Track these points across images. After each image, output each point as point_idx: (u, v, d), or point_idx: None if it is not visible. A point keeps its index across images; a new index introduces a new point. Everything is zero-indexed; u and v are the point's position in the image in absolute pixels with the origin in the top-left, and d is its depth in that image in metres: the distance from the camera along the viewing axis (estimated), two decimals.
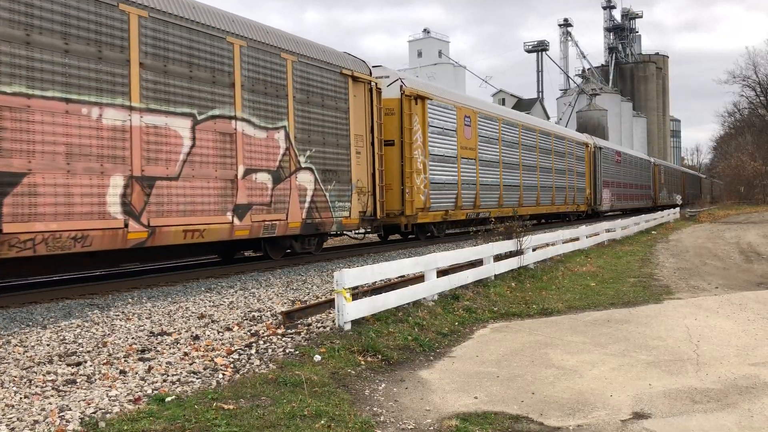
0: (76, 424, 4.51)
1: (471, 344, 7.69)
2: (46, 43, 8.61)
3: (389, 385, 5.97)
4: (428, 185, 18.11)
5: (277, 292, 10.16)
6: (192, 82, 10.74)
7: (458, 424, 4.93)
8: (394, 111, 17.12)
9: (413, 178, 17.38)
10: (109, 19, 9.42)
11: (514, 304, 10.19)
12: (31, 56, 8.43)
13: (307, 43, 13.87)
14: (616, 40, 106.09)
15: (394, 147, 17.13)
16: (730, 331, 8.11)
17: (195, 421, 4.60)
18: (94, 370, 5.86)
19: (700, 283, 12.44)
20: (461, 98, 21.69)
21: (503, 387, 5.95)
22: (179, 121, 10.50)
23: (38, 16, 8.53)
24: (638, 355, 6.99)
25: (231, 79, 11.53)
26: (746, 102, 72.97)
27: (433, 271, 9.60)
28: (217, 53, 11.26)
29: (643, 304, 10.23)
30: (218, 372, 5.84)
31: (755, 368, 6.40)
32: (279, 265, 13.53)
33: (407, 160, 17.22)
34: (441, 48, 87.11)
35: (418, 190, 17.61)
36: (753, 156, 65.82)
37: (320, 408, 5.01)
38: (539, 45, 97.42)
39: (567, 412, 5.26)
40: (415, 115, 17.56)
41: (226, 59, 11.44)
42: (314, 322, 7.81)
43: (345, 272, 7.36)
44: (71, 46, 8.88)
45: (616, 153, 40.19)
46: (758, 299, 10.47)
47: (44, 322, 7.94)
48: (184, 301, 9.31)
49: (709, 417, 5.09)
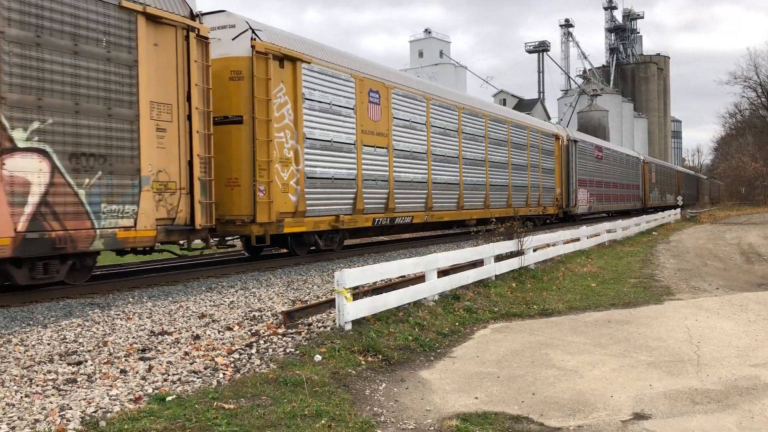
0: (76, 423, 4.52)
1: (471, 344, 7.69)
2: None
3: (390, 385, 5.97)
4: (302, 181, 13.12)
5: (278, 291, 10.17)
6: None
7: (459, 424, 4.93)
8: (243, 75, 12.19)
9: (272, 170, 12.27)
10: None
11: (515, 304, 10.19)
12: None
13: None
14: (618, 41, 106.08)
15: (242, 126, 12.16)
16: (731, 332, 8.11)
17: (195, 421, 4.61)
18: (95, 369, 5.86)
19: (700, 284, 12.43)
20: (364, 65, 15.88)
21: (504, 387, 5.95)
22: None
23: None
24: (639, 355, 6.99)
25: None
26: (747, 103, 73.03)
27: (433, 271, 9.61)
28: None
29: (644, 304, 10.22)
30: (219, 371, 5.85)
31: (756, 369, 6.40)
32: (280, 264, 13.52)
33: (261, 145, 12.10)
34: (442, 48, 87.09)
35: (284, 188, 12.64)
36: (754, 157, 65.82)
37: (321, 408, 5.01)
38: (540, 45, 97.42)
39: (567, 412, 5.25)
40: (279, 83, 12.59)
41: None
42: (315, 321, 7.82)
43: (346, 272, 7.37)
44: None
45: (596, 148, 35.21)
46: (759, 300, 10.46)
47: (45, 321, 7.95)
48: (184, 301, 9.31)
49: (709, 418, 5.09)
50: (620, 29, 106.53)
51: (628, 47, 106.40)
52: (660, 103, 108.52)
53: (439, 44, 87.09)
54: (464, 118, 20.30)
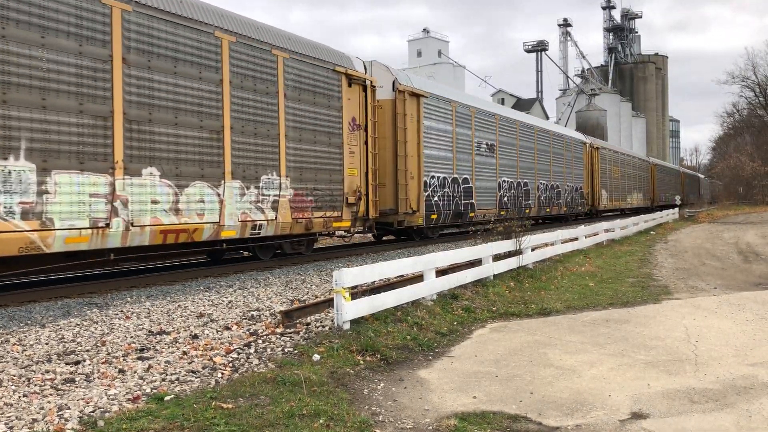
0: (74, 423, 4.51)
1: (470, 344, 7.69)
2: None
3: (388, 385, 5.97)
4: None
5: (276, 291, 10.16)
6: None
7: (457, 423, 4.93)
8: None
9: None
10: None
11: (513, 303, 10.20)
12: None
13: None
14: (616, 41, 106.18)
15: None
16: (729, 331, 8.12)
17: (194, 420, 4.60)
18: (93, 368, 5.86)
19: (698, 284, 12.45)
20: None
21: (502, 387, 5.95)
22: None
23: None
24: (637, 355, 7.00)
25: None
26: (745, 103, 73.13)
27: (432, 270, 9.61)
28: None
29: (642, 304, 10.24)
30: (217, 371, 5.84)
31: (753, 368, 6.41)
32: (278, 264, 13.52)
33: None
34: (440, 48, 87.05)
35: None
36: (752, 156, 65.94)
37: (319, 407, 5.01)
38: (539, 45, 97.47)
39: (565, 411, 5.26)
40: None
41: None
42: (313, 321, 7.81)
43: (344, 272, 7.37)
44: None
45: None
46: (756, 299, 10.48)
47: (43, 320, 7.94)
48: (182, 300, 9.31)
49: (707, 417, 5.09)
50: (619, 29, 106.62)
51: (626, 47, 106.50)
52: (658, 103, 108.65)
53: (438, 44, 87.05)
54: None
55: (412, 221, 17.12)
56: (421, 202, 17.29)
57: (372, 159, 15.24)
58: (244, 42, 11.77)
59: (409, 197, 16.83)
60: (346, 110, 14.38)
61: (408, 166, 16.78)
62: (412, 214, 16.98)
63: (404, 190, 16.63)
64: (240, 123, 11.62)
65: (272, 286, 10.71)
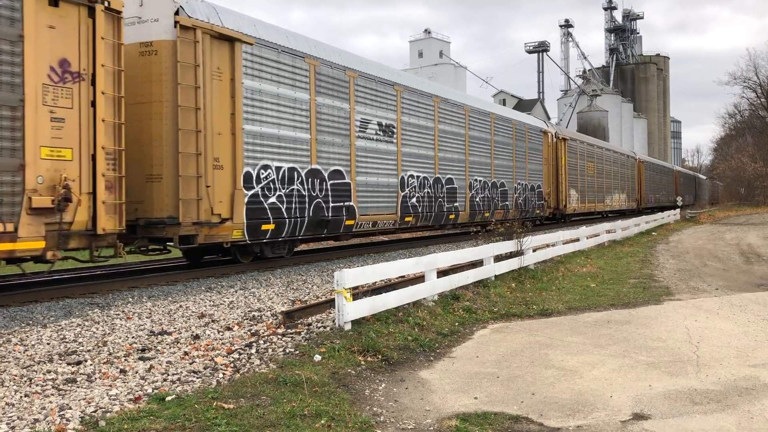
0: (76, 423, 4.52)
1: (471, 345, 7.69)
2: None
3: (389, 385, 5.97)
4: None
5: (278, 291, 10.17)
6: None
7: (458, 424, 4.93)
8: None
9: None
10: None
11: (514, 304, 10.20)
12: None
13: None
14: (617, 41, 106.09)
15: None
16: (730, 332, 8.11)
17: (195, 420, 4.60)
18: (95, 369, 5.86)
19: (700, 285, 12.44)
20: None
21: (503, 387, 5.95)
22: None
23: None
24: (638, 356, 6.99)
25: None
26: (747, 104, 73.07)
27: (433, 271, 9.61)
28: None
29: (643, 305, 10.23)
30: (218, 371, 5.85)
31: (755, 369, 6.41)
32: (279, 265, 13.52)
33: None
34: (442, 48, 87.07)
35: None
36: (753, 157, 65.83)
37: (320, 407, 5.01)
38: (540, 46, 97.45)
39: (567, 412, 5.26)
40: None
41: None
42: (314, 321, 7.82)
43: (345, 272, 7.36)
44: None
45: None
46: (758, 301, 10.47)
47: (44, 320, 7.95)
48: (184, 301, 9.31)
49: (708, 418, 5.09)
50: (620, 30, 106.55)
51: (627, 48, 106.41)
52: (659, 104, 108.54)
53: (439, 44, 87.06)
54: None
55: (218, 235, 11.15)
56: (238, 205, 11.40)
57: (111, 132, 9.25)
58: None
59: (212, 197, 10.95)
60: (39, 44, 8.35)
61: (206, 148, 10.86)
62: (218, 225, 11.09)
63: (194, 185, 10.64)
64: None
65: (273, 286, 10.71)
